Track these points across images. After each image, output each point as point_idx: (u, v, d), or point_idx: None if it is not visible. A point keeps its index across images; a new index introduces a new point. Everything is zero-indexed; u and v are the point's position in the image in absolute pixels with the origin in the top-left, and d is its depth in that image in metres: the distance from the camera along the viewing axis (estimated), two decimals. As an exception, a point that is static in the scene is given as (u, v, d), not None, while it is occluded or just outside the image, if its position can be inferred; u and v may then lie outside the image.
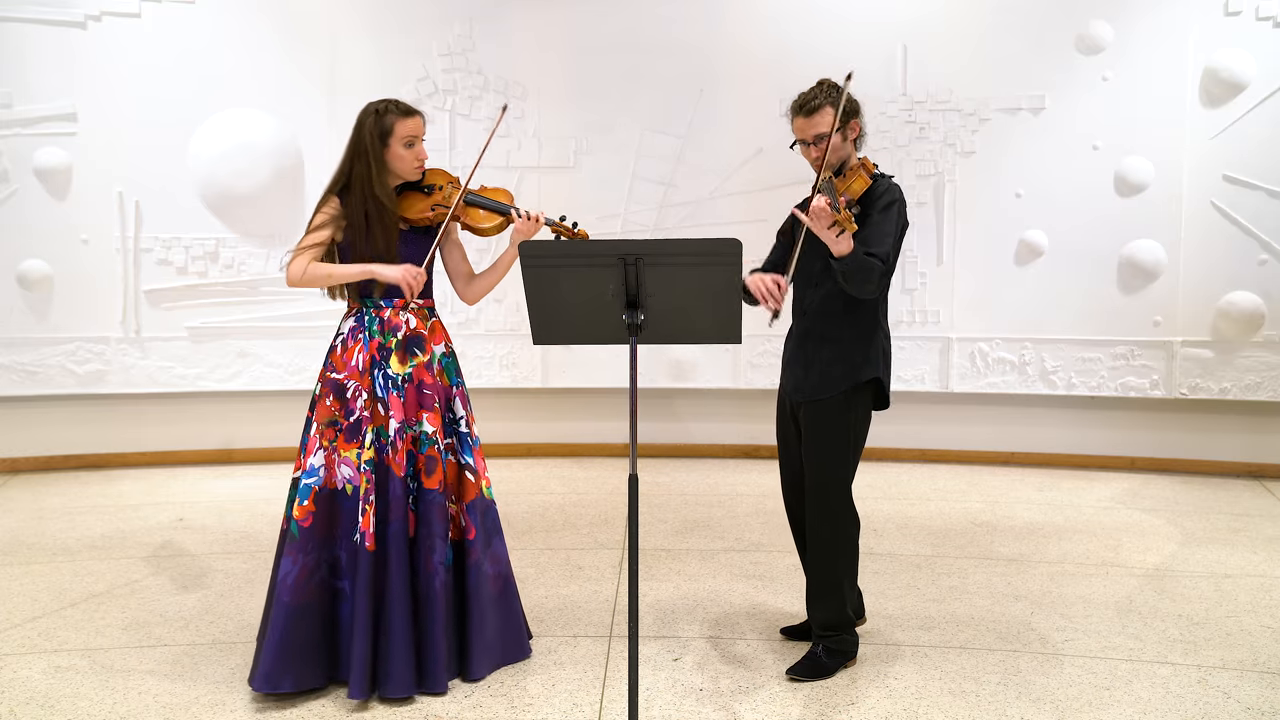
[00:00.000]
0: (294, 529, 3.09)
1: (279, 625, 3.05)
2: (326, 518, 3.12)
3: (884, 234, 3.14)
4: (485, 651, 3.24)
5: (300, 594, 3.07)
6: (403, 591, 3.08)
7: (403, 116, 3.19)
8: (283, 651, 3.05)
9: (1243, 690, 3.19)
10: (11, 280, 6.04)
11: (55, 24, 6.00)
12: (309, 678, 3.11)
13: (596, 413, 6.57)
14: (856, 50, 6.11)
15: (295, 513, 3.09)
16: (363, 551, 3.06)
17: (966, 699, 3.13)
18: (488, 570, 3.25)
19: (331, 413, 3.16)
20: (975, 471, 6.17)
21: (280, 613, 3.05)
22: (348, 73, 6.22)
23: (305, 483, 3.11)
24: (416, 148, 3.22)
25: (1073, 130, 6.06)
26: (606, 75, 6.33)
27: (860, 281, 3.08)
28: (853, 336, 3.23)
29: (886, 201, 3.17)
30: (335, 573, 3.13)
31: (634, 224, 6.38)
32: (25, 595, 4.04)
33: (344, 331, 3.23)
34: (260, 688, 3.05)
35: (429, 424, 3.18)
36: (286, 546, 3.09)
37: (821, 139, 3.18)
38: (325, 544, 3.12)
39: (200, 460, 6.36)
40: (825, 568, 3.28)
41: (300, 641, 3.07)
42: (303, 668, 3.09)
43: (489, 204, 3.30)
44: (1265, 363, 5.93)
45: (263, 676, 3.05)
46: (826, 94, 3.20)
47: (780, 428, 3.45)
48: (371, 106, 3.22)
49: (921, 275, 6.23)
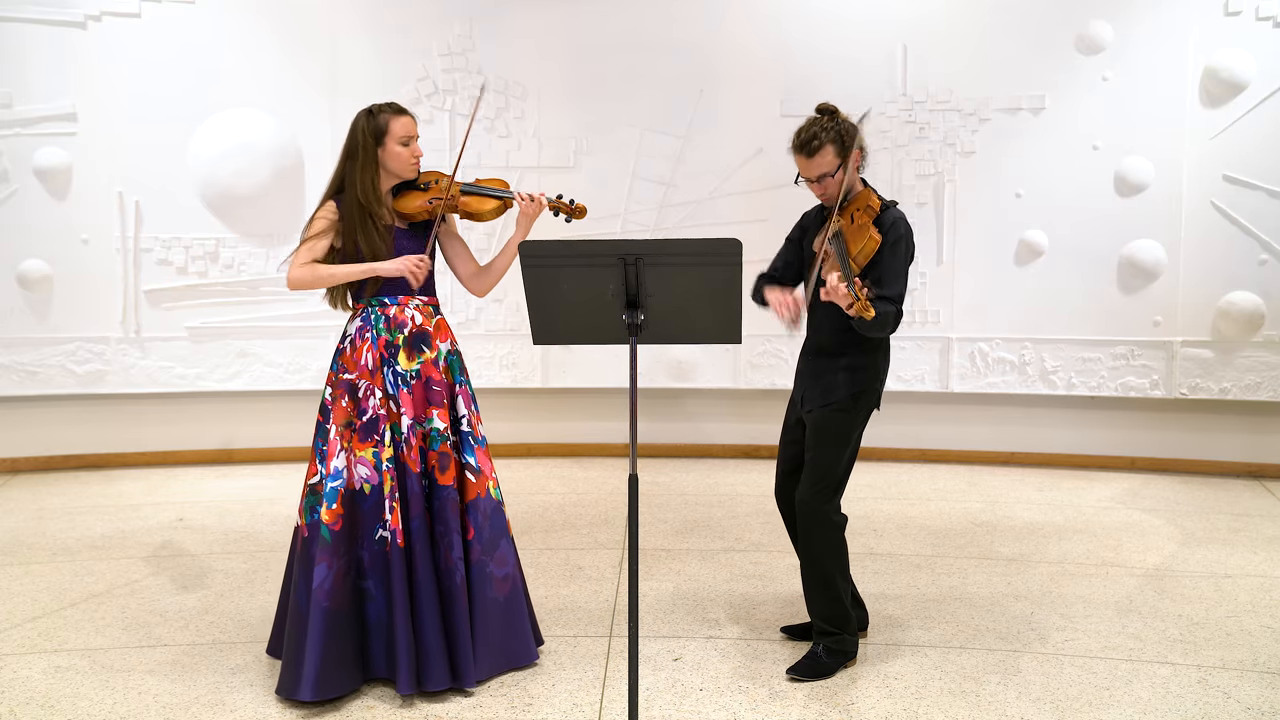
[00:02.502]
0: (325, 533, 3.07)
1: (320, 631, 3.02)
2: (350, 519, 3.12)
3: (895, 273, 3.20)
4: (487, 654, 3.22)
5: (339, 598, 3.06)
6: (431, 587, 3.10)
7: (396, 115, 3.21)
8: (327, 657, 3.03)
9: (1243, 690, 3.19)
10: (11, 280, 6.04)
11: (55, 24, 5.99)
12: (352, 680, 3.11)
13: (596, 413, 6.57)
14: (856, 50, 6.12)
15: (325, 517, 3.07)
16: (395, 549, 3.07)
17: (966, 699, 3.13)
18: (492, 572, 3.23)
19: (347, 414, 3.16)
20: (975, 471, 6.17)
21: (320, 618, 3.02)
22: (348, 73, 6.22)
23: (331, 486, 3.10)
24: (412, 146, 3.24)
25: (1073, 130, 6.05)
26: (606, 75, 6.33)
27: (877, 330, 3.16)
28: (858, 353, 3.30)
29: (894, 239, 3.21)
30: (360, 573, 3.14)
31: (634, 224, 6.38)
32: (25, 595, 4.04)
33: (350, 333, 3.23)
34: (309, 696, 3.00)
35: (439, 420, 3.19)
36: (318, 552, 3.06)
37: (824, 177, 3.22)
38: (351, 546, 3.13)
39: (200, 460, 6.36)
40: (816, 564, 3.32)
41: (342, 645, 3.07)
42: (347, 671, 3.08)
43: (483, 190, 3.34)
44: (1265, 363, 5.93)
45: (311, 685, 3.00)
46: (826, 131, 3.20)
47: (785, 425, 3.51)
48: (364, 110, 3.25)
49: (921, 275, 6.23)
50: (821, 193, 3.27)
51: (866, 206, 3.21)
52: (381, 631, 3.13)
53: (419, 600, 3.09)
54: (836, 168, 3.20)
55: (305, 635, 3.04)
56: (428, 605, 3.09)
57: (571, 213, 3.39)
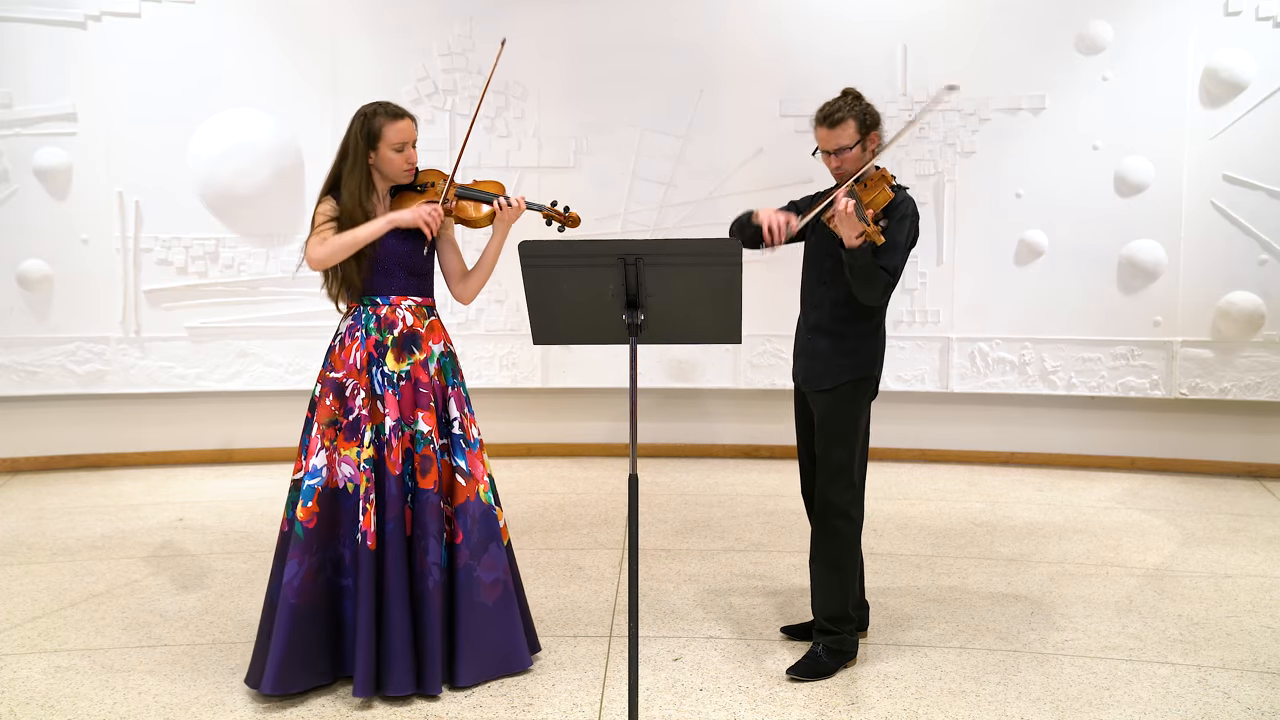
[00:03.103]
0: (298, 530, 3.08)
1: (285, 627, 3.03)
2: (329, 517, 3.12)
3: (895, 245, 3.22)
4: (474, 658, 3.18)
5: (306, 596, 3.06)
6: (401, 591, 3.08)
7: (391, 120, 3.17)
8: (289, 654, 3.04)
9: (1243, 690, 3.19)
10: (11, 280, 6.04)
11: (55, 24, 5.99)
12: (317, 676, 3.12)
13: (596, 413, 6.57)
14: (856, 49, 6.12)
15: (299, 514, 3.08)
16: (364, 550, 3.06)
17: (966, 699, 3.13)
18: (481, 576, 3.19)
19: (332, 412, 3.15)
20: (975, 471, 6.17)
21: (286, 615, 3.04)
22: (348, 73, 6.22)
23: (309, 484, 3.10)
24: (407, 152, 3.20)
25: (1073, 130, 6.05)
26: (606, 75, 6.33)
27: (866, 285, 3.18)
28: (857, 334, 3.31)
29: (902, 214, 3.25)
30: (339, 571, 3.13)
31: (634, 224, 6.38)
32: (25, 595, 4.04)
33: (342, 331, 3.24)
34: (268, 690, 3.03)
35: (424, 423, 3.16)
36: (290, 548, 3.08)
37: (842, 150, 3.27)
38: (329, 543, 3.12)
39: (200, 460, 6.36)
40: (829, 556, 3.32)
41: (307, 643, 3.07)
42: (310, 668, 3.09)
43: (478, 195, 3.30)
44: (1265, 363, 5.93)
45: (271, 679, 3.02)
46: (850, 106, 3.28)
47: (797, 414, 3.52)
48: (362, 110, 3.22)
49: (921, 275, 6.23)
50: (838, 166, 3.30)
51: (880, 179, 3.23)
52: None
53: (388, 603, 3.07)
54: (855, 143, 3.26)
55: (272, 630, 3.07)
56: (397, 609, 3.07)
57: (565, 221, 3.32)
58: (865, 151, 3.30)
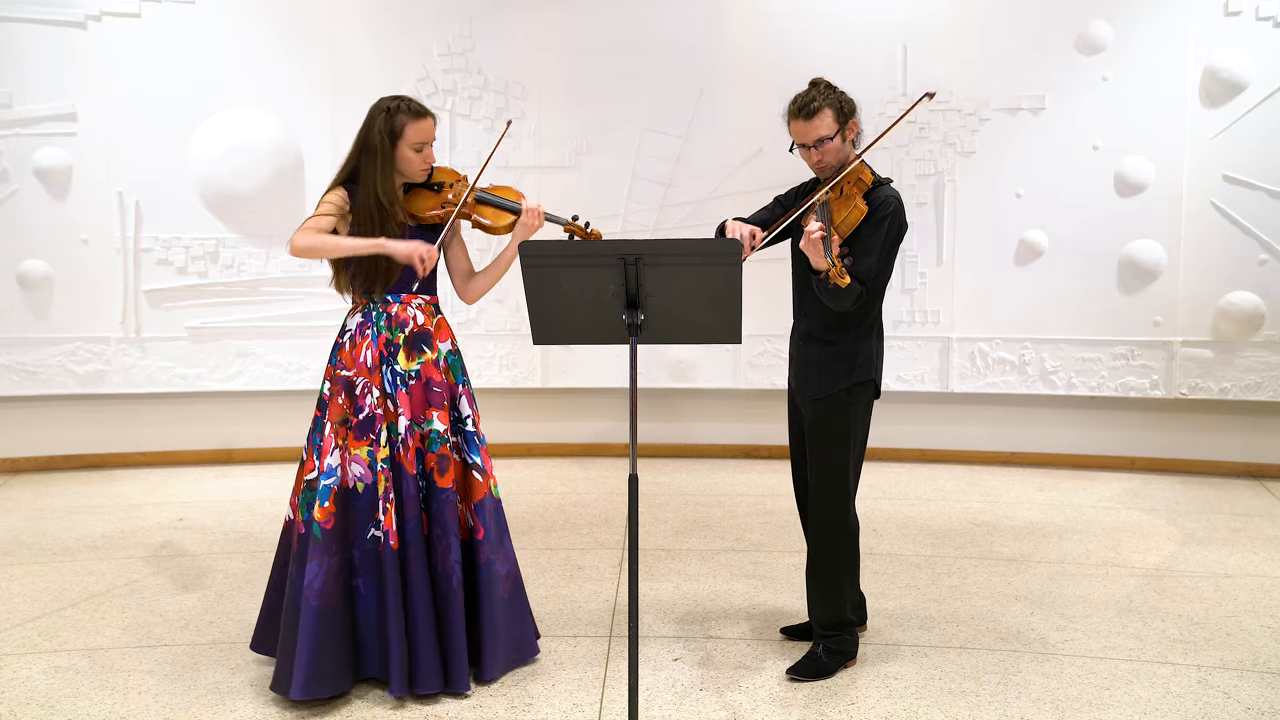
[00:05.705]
0: (316, 531, 3.05)
1: (311, 630, 3.00)
2: (343, 517, 3.10)
3: (870, 249, 3.13)
4: (498, 652, 3.23)
5: (329, 597, 3.04)
6: (424, 590, 3.08)
7: (414, 119, 3.15)
8: (317, 656, 3.00)
9: (1243, 690, 3.19)
10: (11, 280, 6.04)
11: (55, 24, 5.99)
12: (343, 680, 3.08)
13: (596, 413, 6.57)
14: (856, 49, 6.11)
15: (317, 515, 3.05)
16: (388, 550, 3.05)
17: (966, 699, 3.13)
18: (499, 570, 3.23)
19: (344, 410, 3.13)
20: (975, 471, 6.17)
21: (311, 617, 3.00)
22: (348, 73, 6.21)
23: (325, 483, 3.07)
24: (425, 152, 3.19)
25: (1073, 130, 6.05)
26: (606, 75, 6.32)
27: (834, 300, 3.11)
28: (849, 339, 3.24)
29: (880, 216, 3.15)
30: (351, 572, 3.12)
31: (634, 224, 6.38)
32: (25, 595, 4.04)
33: (351, 328, 3.20)
34: (299, 695, 2.98)
35: (439, 422, 3.16)
36: (310, 550, 3.04)
37: (822, 142, 3.16)
38: (344, 544, 3.10)
39: (200, 460, 6.36)
40: (825, 565, 3.30)
41: (333, 645, 3.04)
42: (337, 671, 3.06)
43: (501, 202, 3.28)
44: (1265, 363, 5.93)
45: (300, 685, 2.97)
46: (824, 95, 3.17)
47: (790, 422, 3.48)
48: (384, 103, 3.18)
49: (921, 275, 6.23)
50: (818, 159, 3.19)
51: (858, 180, 3.15)
52: (372, 631, 3.11)
53: (413, 603, 3.07)
54: (835, 133, 3.15)
55: (296, 634, 3.02)
56: (421, 609, 3.07)
57: (586, 238, 3.24)
58: (845, 141, 3.20)
